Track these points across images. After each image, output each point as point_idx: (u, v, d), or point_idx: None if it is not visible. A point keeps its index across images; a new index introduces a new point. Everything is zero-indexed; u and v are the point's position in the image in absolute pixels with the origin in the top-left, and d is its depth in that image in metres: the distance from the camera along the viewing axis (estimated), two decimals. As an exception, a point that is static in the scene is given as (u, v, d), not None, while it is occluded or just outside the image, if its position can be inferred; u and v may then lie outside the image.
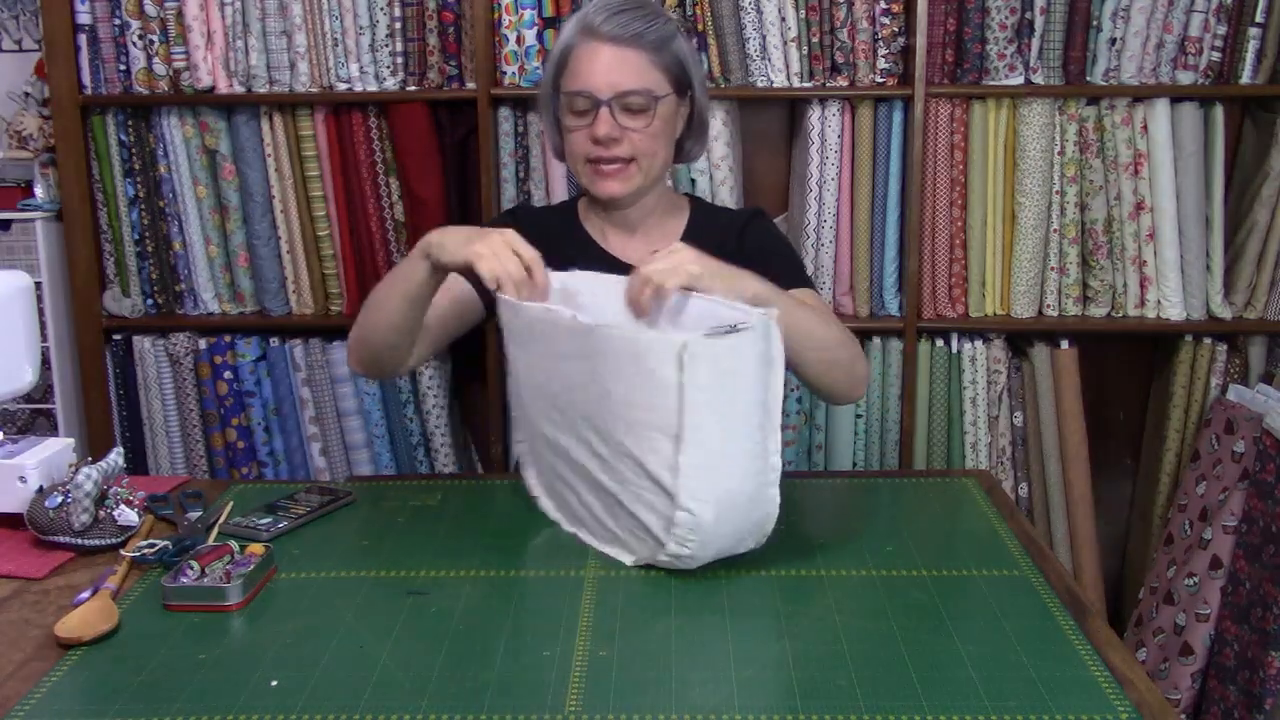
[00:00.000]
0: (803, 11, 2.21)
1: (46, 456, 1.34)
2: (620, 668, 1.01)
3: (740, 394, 1.15)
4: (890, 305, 2.33)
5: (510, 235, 1.29)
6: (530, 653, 1.04)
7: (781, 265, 1.57)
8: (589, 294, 1.34)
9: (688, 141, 1.62)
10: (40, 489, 1.31)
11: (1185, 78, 2.24)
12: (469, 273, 1.31)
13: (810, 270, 2.26)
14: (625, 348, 1.17)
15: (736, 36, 2.23)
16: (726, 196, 2.28)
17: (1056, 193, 2.29)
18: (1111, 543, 2.56)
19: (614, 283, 1.32)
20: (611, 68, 1.48)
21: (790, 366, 1.39)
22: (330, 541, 1.31)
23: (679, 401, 1.13)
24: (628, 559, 1.24)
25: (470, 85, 2.26)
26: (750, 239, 1.61)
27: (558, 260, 1.34)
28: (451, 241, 1.32)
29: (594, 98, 1.48)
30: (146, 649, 1.06)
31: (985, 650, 1.04)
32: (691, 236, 1.60)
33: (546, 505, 1.38)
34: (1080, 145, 2.27)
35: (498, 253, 1.27)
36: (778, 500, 1.19)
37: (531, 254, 1.28)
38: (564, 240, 1.59)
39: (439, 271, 1.36)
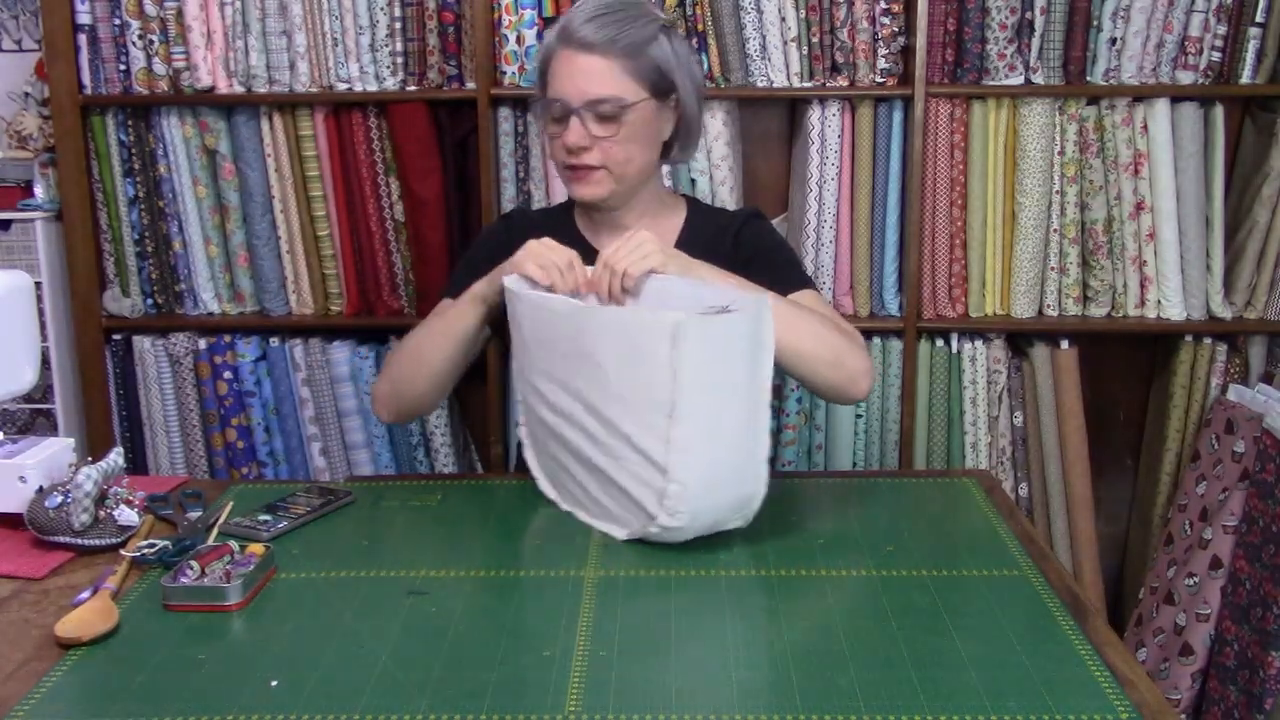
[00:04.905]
0: (803, 11, 2.21)
1: (46, 456, 1.34)
2: (620, 668, 1.01)
3: (730, 373, 1.20)
4: (890, 305, 2.33)
5: (544, 240, 1.40)
6: (530, 653, 1.04)
7: (780, 266, 1.57)
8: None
9: (674, 145, 1.60)
10: (40, 489, 1.31)
11: (1185, 78, 2.24)
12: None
13: (810, 270, 2.26)
14: (618, 327, 1.22)
15: (736, 36, 2.22)
16: (726, 196, 2.27)
17: (1056, 193, 2.28)
18: (1111, 543, 2.56)
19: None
20: (581, 75, 1.48)
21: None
22: (330, 541, 1.31)
23: (672, 378, 1.17)
24: (620, 533, 1.28)
25: (470, 85, 2.26)
26: (746, 240, 1.60)
27: None
28: (498, 277, 1.44)
29: (566, 105, 1.49)
30: (146, 649, 1.06)
31: (985, 650, 1.04)
32: (688, 238, 1.60)
33: (545, 486, 1.42)
34: (1080, 145, 2.27)
35: (537, 254, 1.38)
36: (764, 477, 1.23)
37: (569, 252, 1.39)
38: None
39: (487, 313, 1.48)
